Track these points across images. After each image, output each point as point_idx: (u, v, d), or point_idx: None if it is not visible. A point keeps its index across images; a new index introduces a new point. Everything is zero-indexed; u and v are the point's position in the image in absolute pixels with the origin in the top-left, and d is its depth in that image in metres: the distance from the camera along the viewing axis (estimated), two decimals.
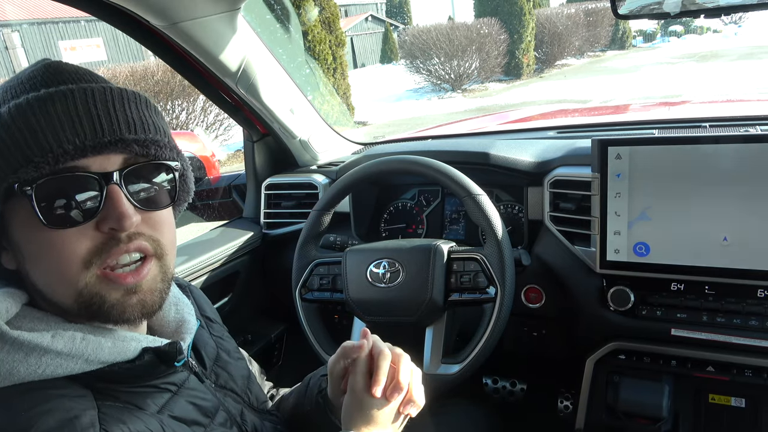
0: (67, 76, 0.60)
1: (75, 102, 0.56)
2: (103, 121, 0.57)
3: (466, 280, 1.18)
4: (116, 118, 0.58)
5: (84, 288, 0.58)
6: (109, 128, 0.57)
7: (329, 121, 1.81)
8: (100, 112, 0.57)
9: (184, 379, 0.67)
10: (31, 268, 0.59)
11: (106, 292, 0.59)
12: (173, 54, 1.33)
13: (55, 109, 0.56)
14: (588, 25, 20.67)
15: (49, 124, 0.55)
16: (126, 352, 0.60)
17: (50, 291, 0.59)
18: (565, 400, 1.57)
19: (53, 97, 0.56)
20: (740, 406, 1.22)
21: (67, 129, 0.56)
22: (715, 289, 1.18)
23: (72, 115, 0.56)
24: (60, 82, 0.59)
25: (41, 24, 18.82)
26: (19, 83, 0.60)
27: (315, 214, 1.33)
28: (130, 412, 0.58)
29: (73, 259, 0.57)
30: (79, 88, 0.58)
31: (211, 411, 0.68)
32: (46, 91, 0.57)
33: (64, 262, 0.57)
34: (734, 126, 1.35)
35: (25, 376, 0.54)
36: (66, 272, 0.57)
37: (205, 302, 0.89)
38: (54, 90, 0.57)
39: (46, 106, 0.55)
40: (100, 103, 0.58)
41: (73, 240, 0.57)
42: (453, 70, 15.65)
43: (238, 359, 0.84)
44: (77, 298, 0.58)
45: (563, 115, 2.27)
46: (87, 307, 0.59)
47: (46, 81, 0.59)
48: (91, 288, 0.58)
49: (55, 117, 0.55)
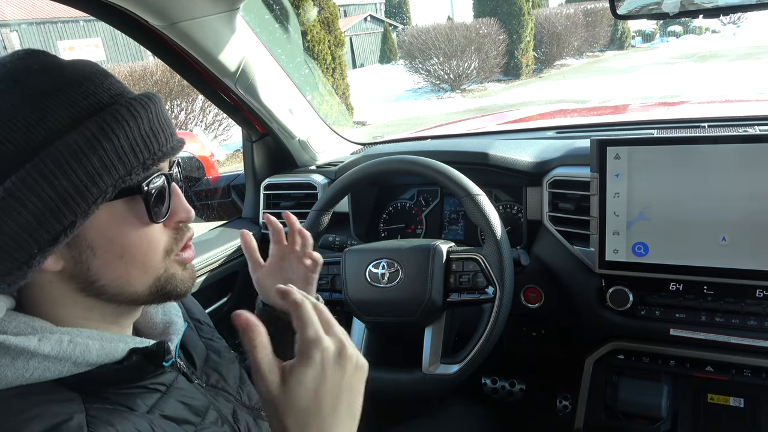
0: (120, 87, 0.64)
1: (157, 108, 0.62)
2: (169, 126, 0.64)
3: (465, 281, 1.18)
4: (170, 123, 0.65)
5: (162, 273, 0.64)
6: (172, 133, 0.64)
7: (328, 121, 1.81)
8: (166, 118, 0.64)
9: (173, 379, 0.68)
10: (106, 264, 0.60)
11: (176, 271, 0.66)
12: (172, 54, 1.33)
13: (155, 113, 0.61)
14: (587, 26, 20.69)
15: (150, 129, 0.60)
16: (114, 353, 0.60)
17: (125, 283, 0.62)
18: (564, 400, 1.57)
19: (151, 100, 0.61)
20: (739, 406, 1.22)
21: (160, 133, 0.61)
22: (713, 289, 1.18)
23: (160, 120, 0.62)
24: (123, 90, 0.63)
25: (40, 24, 18.81)
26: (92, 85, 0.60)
27: (314, 214, 1.33)
28: (119, 413, 0.58)
29: (159, 250, 0.63)
30: (155, 96, 0.63)
31: (202, 410, 0.68)
32: (136, 95, 0.61)
33: (152, 252, 0.63)
34: (733, 126, 1.35)
35: (12, 380, 0.54)
36: (152, 262, 0.63)
37: (194, 305, 0.90)
38: (146, 96, 0.61)
39: (147, 110, 0.60)
40: (162, 110, 0.63)
41: (159, 233, 0.63)
42: (452, 70, 15.66)
43: (229, 359, 0.84)
44: (155, 282, 0.64)
45: (562, 116, 2.27)
46: (161, 289, 0.64)
47: (118, 87, 0.62)
48: (167, 272, 0.65)
49: (155, 119, 0.61)
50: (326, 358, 0.58)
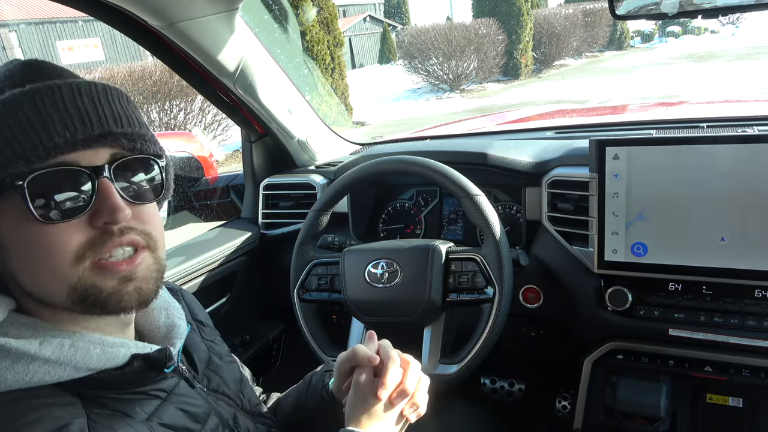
0: (48, 73, 0.60)
1: (62, 96, 0.56)
2: (91, 114, 0.57)
3: (464, 281, 1.18)
4: (103, 112, 0.58)
5: (78, 282, 0.57)
6: (97, 122, 0.57)
7: (327, 121, 1.81)
8: (87, 107, 0.57)
9: (174, 385, 0.67)
10: (19, 267, 0.58)
11: (101, 282, 0.58)
12: (171, 54, 1.33)
13: (44, 103, 0.55)
14: (586, 26, 20.69)
15: (37, 118, 0.55)
16: (115, 358, 0.59)
17: (41, 289, 0.58)
18: (563, 400, 1.57)
19: (40, 91, 0.56)
20: (738, 405, 1.22)
21: (57, 123, 0.55)
22: (712, 289, 1.18)
23: (60, 109, 0.56)
24: (43, 78, 0.58)
25: (39, 24, 18.77)
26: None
27: (313, 215, 1.33)
28: (120, 419, 0.57)
29: (65, 254, 0.56)
30: (65, 83, 0.57)
31: (202, 417, 0.67)
32: (31, 86, 0.56)
33: (56, 257, 0.56)
34: (732, 126, 1.35)
35: (12, 383, 0.53)
36: (58, 267, 0.56)
37: (197, 306, 0.89)
38: (41, 85, 0.56)
39: (34, 101, 0.55)
40: (86, 98, 0.57)
41: (66, 234, 0.56)
42: (451, 70, 15.66)
43: (230, 363, 0.84)
44: (71, 292, 0.57)
45: (561, 116, 2.27)
46: (82, 301, 0.58)
47: (28, 77, 0.58)
48: (85, 280, 0.57)
49: (43, 111, 0.55)
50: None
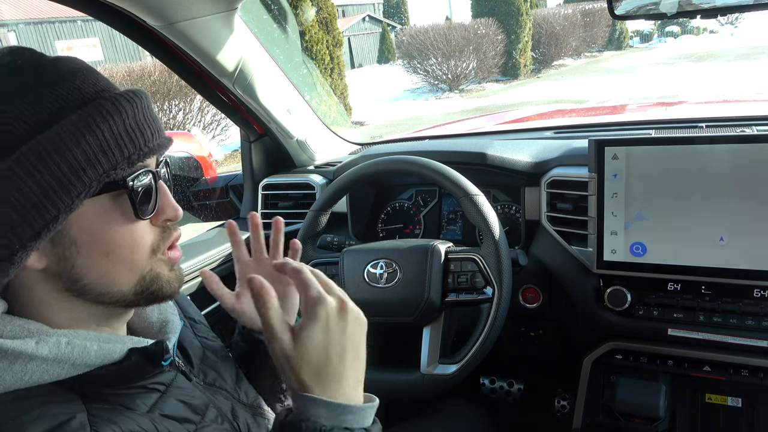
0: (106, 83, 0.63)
1: (143, 103, 0.61)
2: (156, 123, 0.63)
3: (463, 281, 1.18)
4: (157, 120, 0.64)
5: (149, 272, 0.63)
6: (159, 130, 0.63)
7: (326, 121, 1.81)
8: (154, 114, 0.63)
9: (172, 378, 0.67)
10: (90, 261, 0.59)
11: (162, 271, 0.65)
12: (170, 54, 1.33)
13: (138, 107, 0.60)
14: (585, 26, 20.72)
15: (136, 124, 0.59)
16: (112, 354, 0.60)
17: (109, 281, 0.61)
18: (562, 400, 1.57)
19: (137, 95, 0.61)
20: (737, 405, 1.22)
21: (147, 129, 0.61)
22: (711, 289, 1.18)
23: (146, 116, 0.61)
24: (108, 86, 0.62)
25: (37, 24, 18.76)
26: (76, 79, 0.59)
27: (312, 215, 1.33)
28: (120, 413, 0.58)
29: (144, 248, 0.63)
30: (141, 92, 0.62)
31: (202, 408, 0.68)
32: (121, 91, 0.60)
33: (138, 250, 0.62)
34: (730, 126, 1.35)
35: (10, 384, 0.53)
36: (138, 260, 0.62)
37: (189, 304, 0.90)
38: (132, 91, 0.61)
39: (133, 105, 0.59)
40: (148, 107, 0.63)
41: (145, 231, 0.62)
42: (450, 70, 15.67)
43: (225, 357, 0.84)
44: (140, 281, 0.63)
45: (560, 116, 2.27)
46: (147, 288, 0.64)
47: (103, 83, 0.61)
48: (153, 270, 0.64)
49: (141, 115, 0.60)
50: (330, 313, 0.63)
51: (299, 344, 0.62)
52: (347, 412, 0.61)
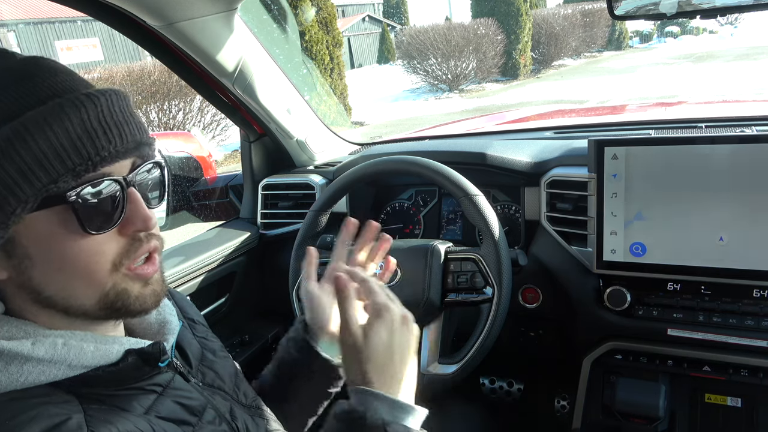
0: (79, 84, 0.60)
1: (102, 108, 0.57)
2: (125, 126, 0.58)
3: (463, 281, 1.18)
4: (132, 122, 0.59)
5: (111, 288, 0.59)
6: (130, 133, 0.59)
7: (326, 121, 1.81)
8: (120, 117, 0.58)
9: (169, 379, 0.67)
10: (47, 275, 0.57)
11: (130, 287, 0.61)
12: (170, 54, 1.33)
13: (88, 115, 0.55)
14: (585, 26, 20.72)
15: (84, 131, 0.55)
16: (109, 355, 0.59)
17: (69, 296, 0.59)
18: (561, 400, 1.57)
19: (84, 102, 0.56)
20: (736, 405, 1.22)
21: (101, 136, 0.56)
22: (711, 289, 1.18)
23: (102, 120, 0.56)
24: (72, 88, 0.58)
25: (37, 24, 18.76)
26: (21, 87, 0.57)
27: (312, 215, 1.33)
28: (117, 413, 0.57)
29: (103, 263, 0.58)
30: (102, 93, 0.58)
31: (199, 410, 0.67)
32: (72, 96, 0.56)
33: (95, 265, 0.58)
34: (730, 126, 1.35)
35: (6, 385, 0.53)
36: (96, 276, 0.58)
37: (188, 305, 0.90)
38: (83, 95, 0.56)
39: (80, 113, 0.55)
40: (118, 108, 0.58)
41: (103, 244, 0.58)
42: (450, 70, 15.67)
43: (223, 358, 0.84)
44: (103, 298, 0.59)
45: (560, 116, 2.27)
46: (111, 305, 0.60)
47: (61, 88, 0.57)
48: (117, 286, 0.60)
49: (89, 123, 0.55)
50: (395, 318, 0.72)
51: (368, 339, 0.69)
52: (405, 411, 0.67)
